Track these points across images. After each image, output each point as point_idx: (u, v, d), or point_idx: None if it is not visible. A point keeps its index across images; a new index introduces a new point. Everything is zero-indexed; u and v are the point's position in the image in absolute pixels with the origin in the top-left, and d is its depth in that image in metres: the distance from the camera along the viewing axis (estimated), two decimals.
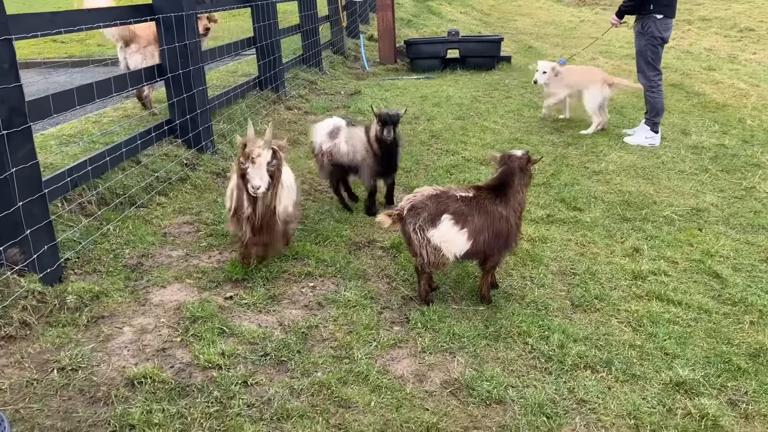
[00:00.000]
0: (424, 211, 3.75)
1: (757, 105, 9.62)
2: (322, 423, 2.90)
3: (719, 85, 10.85)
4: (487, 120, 8.41)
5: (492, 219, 3.83)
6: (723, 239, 5.23)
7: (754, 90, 10.56)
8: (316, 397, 3.07)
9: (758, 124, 8.67)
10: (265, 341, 3.45)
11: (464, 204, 3.83)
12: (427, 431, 2.91)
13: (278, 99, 7.81)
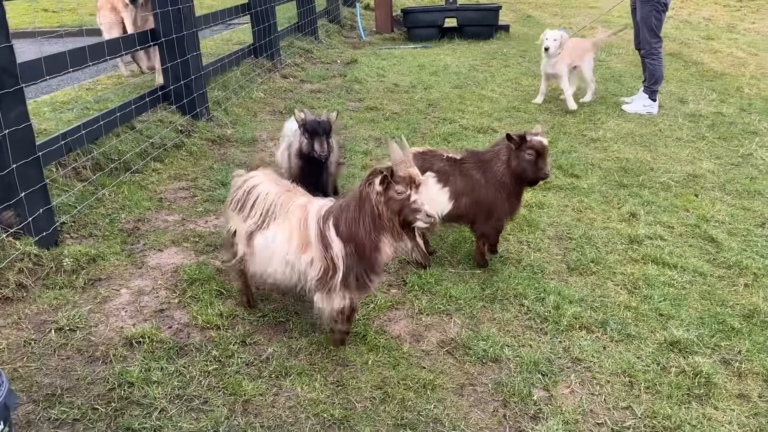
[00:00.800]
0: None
1: (756, 74, 9.56)
2: (320, 380, 2.92)
3: (718, 54, 10.78)
4: (484, 89, 8.35)
5: (473, 185, 3.79)
6: (719, 204, 5.24)
7: (752, 59, 10.49)
8: (315, 356, 3.09)
9: (756, 92, 8.63)
10: (263, 303, 3.46)
11: (448, 164, 3.81)
12: (424, 388, 2.94)
13: (273, 67, 7.73)
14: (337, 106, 7.00)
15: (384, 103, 7.34)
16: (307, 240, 2.90)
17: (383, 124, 6.63)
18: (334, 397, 2.84)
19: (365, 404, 2.82)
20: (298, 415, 2.71)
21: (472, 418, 2.81)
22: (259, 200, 3.02)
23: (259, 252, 2.99)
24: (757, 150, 6.51)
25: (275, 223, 2.96)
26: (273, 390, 2.85)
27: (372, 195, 2.76)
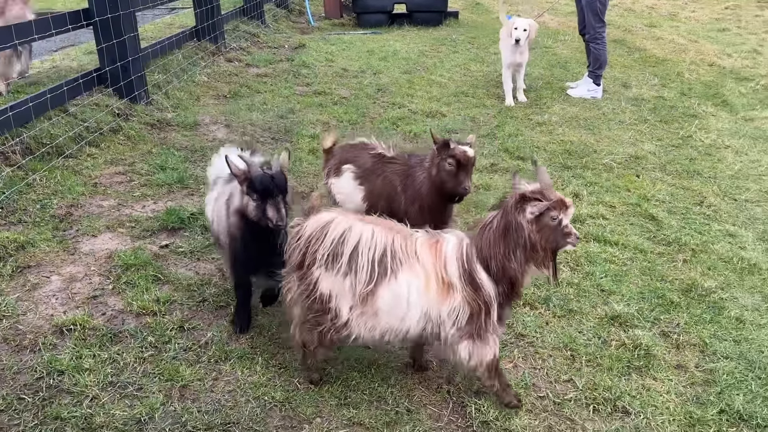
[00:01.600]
0: (336, 157, 3.56)
1: (695, 60, 9.85)
2: (262, 363, 2.86)
3: (660, 41, 11.05)
4: (433, 74, 8.34)
5: (390, 190, 3.39)
6: (659, 184, 5.37)
7: (692, 45, 10.80)
8: (256, 340, 3.02)
9: (696, 77, 8.89)
10: (203, 288, 3.36)
11: (374, 160, 3.42)
12: (368, 368, 2.92)
13: (217, 50, 7.53)
14: (284, 90, 6.87)
15: (333, 88, 7.25)
16: (449, 283, 2.52)
17: (331, 109, 6.54)
18: (275, 379, 2.78)
19: (308, 386, 2.77)
20: (237, 399, 2.64)
21: (416, 395, 2.79)
22: (363, 248, 2.46)
23: (387, 309, 2.49)
24: (696, 132, 6.70)
25: (404, 271, 2.48)
26: (212, 375, 2.77)
27: (524, 224, 2.45)
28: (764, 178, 5.74)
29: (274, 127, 5.73)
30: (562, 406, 2.81)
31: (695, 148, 6.31)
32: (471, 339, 2.56)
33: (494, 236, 2.49)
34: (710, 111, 7.49)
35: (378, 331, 2.55)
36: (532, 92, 7.80)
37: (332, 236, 2.47)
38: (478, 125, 6.53)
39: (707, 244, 4.42)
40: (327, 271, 2.49)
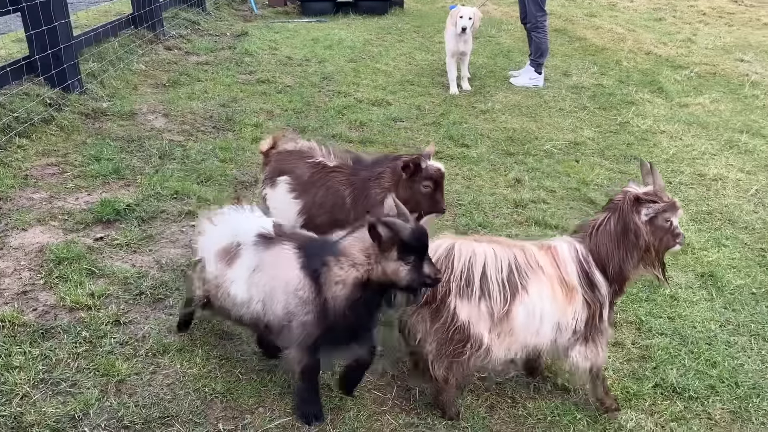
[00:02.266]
0: (271, 164, 3.22)
1: (633, 48, 10.14)
2: (202, 355, 2.80)
3: (599, 30, 11.32)
4: (379, 62, 8.33)
5: (334, 203, 3.05)
6: (598, 169, 5.52)
7: (630, 35, 11.10)
8: (196, 332, 2.96)
9: (633, 65, 9.15)
10: (140, 280, 3.27)
11: (313, 171, 3.09)
12: None
13: (156, 38, 7.31)
14: (226, 78, 6.73)
15: (276, 76, 7.15)
16: (572, 287, 2.52)
17: (275, 97, 6.45)
18: (217, 371, 2.73)
19: (251, 376, 2.73)
20: (176, 392, 2.59)
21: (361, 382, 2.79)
22: (490, 269, 2.42)
23: (524, 325, 2.47)
24: (634, 118, 6.91)
25: (532, 284, 2.47)
26: (150, 368, 2.71)
27: (641, 226, 2.49)
28: (697, 162, 5.97)
29: (216, 116, 5.61)
30: (504, 386, 2.86)
31: (632, 134, 6.50)
32: (585, 342, 2.60)
33: (611, 238, 2.52)
34: (647, 98, 7.73)
35: (513, 349, 2.54)
36: (476, 80, 7.88)
37: (460, 263, 2.43)
38: (423, 113, 6.56)
39: None
40: (462, 299, 2.44)
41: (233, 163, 4.75)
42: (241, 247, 2.45)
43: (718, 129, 6.92)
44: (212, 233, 2.57)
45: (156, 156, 4.63)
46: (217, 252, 2.49)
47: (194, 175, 4.45)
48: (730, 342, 3.38)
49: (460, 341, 2.47)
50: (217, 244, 2.51)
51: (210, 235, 2.58)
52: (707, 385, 3.06)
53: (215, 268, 2.49)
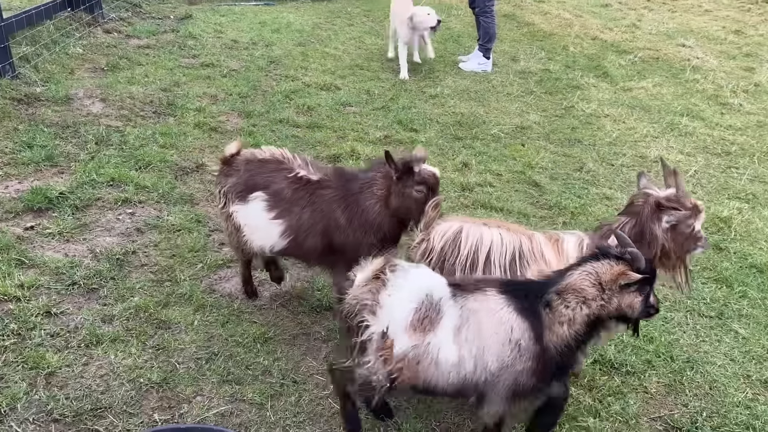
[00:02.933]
0: (237, 175, 2.83)
1: (580, 33, 10.29)
2: (138, 345, 2.73)
3: (547, 16, 11.45)
4: (328, 46, 8.22)
5: (328, 224, 2.79)
6: (543, 152, 5.60)
7: (577, 20, 11.26)
8: (132, 321, 2.88)
9: (579, 50, 9.29)
10: (73, 270, 3.15)
11: (295, 186, 2.79)
12: (254, 342, 2.85)
13: (94, 21, 7.03)
14: (168, 62, 6.53)
15: (221, 60, 6.97)
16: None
17: (220, 81, 6.30)
18: (152, 361, 2.66)
19: (188, 365, 2.67)
20: (110, 383, 2.51)
21: (302, 367, 2.77)
22: (494, 254, 2.41)
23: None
24: (579, 102, 7.02)
25: (532, 272, 2.45)
26: (82, 360, 2.62)
27: (659, 234, 2.45)
28: (639, 144, 6.11)
29: (156, 100, 5.44)
30: None
31: (577, 118, 6.61)
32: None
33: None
34: (592, 82, 7.86)
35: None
36: (425, 65, 7.87)
37: (467, 246, 2.44)
38: (372, 98, 6.52)
39: (585, 206, 4.65)
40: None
41: (174, 149, 4.61)
42: (440, 304, 2.13)
43: (659, 112, 7.10)
44: (395, 300, 2.12)
45: (92, 142, 4.46)
46: (411, 320, 2.10)
47: (132, 161, 4.31)
48: (667, 318, 3.48)
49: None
50: (406, 309, 2.11)
51: (392, 303, 2.11)
52: (644, 360, 3.14)
53: (409, 339, 2.09)
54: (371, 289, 2.11)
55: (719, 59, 9.67)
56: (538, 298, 2.12)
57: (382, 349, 2.08)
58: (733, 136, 6.66)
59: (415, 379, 2.11)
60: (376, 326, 2.08)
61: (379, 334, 2.08)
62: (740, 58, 9.92)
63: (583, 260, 2.16)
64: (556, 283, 2.13)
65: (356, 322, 2.10)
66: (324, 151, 5.05)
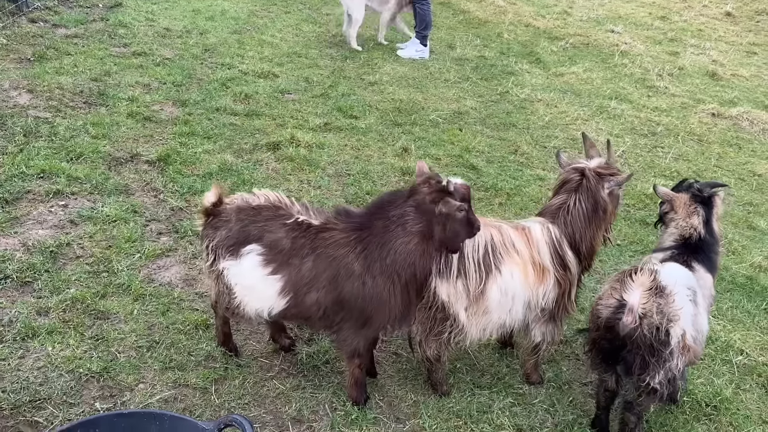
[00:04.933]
0: (227, 227, 2.45)
1: (514, 21, 10.53)
2: (76, 336, 2.69)
3: (482, 4, 11.63)
4: (264, 34, 8.13)
5: (336, 272, 2.39)
6: (479, 137, 5.74)
7: (511, 7, 11.50)
8: (69, 313, 2.83)
9: (513, 38, 9.52)
10: (4, 264, 3.06)
11: (294, 234, 2.40)
12: (196, 329, 2.86)
13: (18, 10, 6.73)
14: (98, 52, 6.33)
15: (154, 48, 6.81)
16: (544, 268, 2.62)
17: (153, 70, 6.16)
18: (92, 351, 2.63)
19: (129, 354, 2.65)
20: (48, 375, 2.47)
21: (246, 350, 2.79)
22: (468, 249, 2.49)
23: (496, 305, 2.56)
24: (513, 88, 7.21)
25: (506, 264, 2.53)
26: (18, 353, 2.56)
27: (607, 200, 2.67)
28: (570, 127, 6.35)
29: (87, 90, 5.28)
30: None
31: (511, 103, 6.80)
32: (549, 321, 2.71)
33: (584, 217, 2.65)
34: (525, 68, 8.08)
35: (488, 328, 2.61)
36: (364, 53, 7.90)
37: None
38: (311, 85, 6.52)
39: (520, 188, 4.82)
40: (441, 279, 2.49)
41: (106, 139, 4.50)
42: (695, 289, 2.56)
43: (590, 96, 7.38)
44: (680, 301, 2.38)
45: (20, 134, 4.30)
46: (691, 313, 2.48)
47: (63, 152, 4.18)
48: (597, 289, 3.66)
49: (442, 320, 2.56)
50: (688, 305, 2.44)
51: (680, 304, 2.37)
52: (575, 330, 3.31)
53: (693, 328, 2.45)
54: (665, 301, 2.32)
55: (646, 44, 10.10)
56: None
57: (683, 347, 2.36)
58: (659, 117, 7.01)
59: (696, 354, 2.46)
60: (678, 330, 2.33)
61: (679, 336, 2.34)
62: (665, 43, 10.40)
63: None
64: None
65: (663, 336, 2.31)
66: (263, 139, 5.03)
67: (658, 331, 2.30)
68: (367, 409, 2.57)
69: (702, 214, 2.72)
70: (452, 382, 2.83)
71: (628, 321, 2.28)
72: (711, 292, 2.71)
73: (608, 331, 2.38)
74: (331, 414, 2.53)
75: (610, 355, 2.45)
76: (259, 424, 2.42)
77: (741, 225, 4.78)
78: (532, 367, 2.88)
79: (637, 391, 2.42)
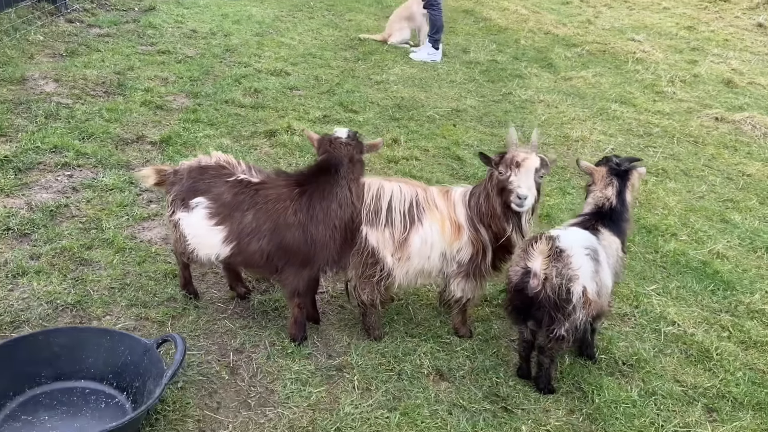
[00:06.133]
0: (181, 183, 2.84)
1: (534, 28, 10.73)
2: (59, 276, 3.11)
3: (505, 12, 11.89)
4: (284, 36, 8.61)
5: (276, 223, 2.74)
6: (472, 132, 6.02)
7: (533, 16, 11.71)
8: (57, 259, 3.25)
9: (530, 44, 9.73)
10: (8, 219, 3.52)
11: (237, 190, 2.76)
12: (165, 277, 3.24)
13: (57, 11, 7.38)
14: (125, 49, 6.90)
15: (178, 48, 7.34)
16: (459, 225, 2.94)
17: (173, 66, 6.67)
18: (70, 288, 3.04)
19: (102, 293, 3.05)
20: (30, 304, 2.89)
21: (206, 296, 3.16)
22: (395, 202, 2.87)
23: (417, 253, 2.90)
24: (516, 90, 7.45)
25: (427, 218, 2.91)
26: (8, 287, 3.00)
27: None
28: (565, 126, 6.55)
29: (108, 81, 5.80)
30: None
31: (512, 103, 7.04)
32: (466, 277, 2.99)
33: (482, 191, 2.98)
34: (534, 72, 8.29)
35: (412, 273, 2.96)
36: (376, 55, 8.27)
37: (369, 195, 2.86)
38: (319, 83, 6.91)
39: None
40: (371, 227, 2.87)
41: (117, 123, 4.98)
42: (596, 247, 2.83)
43: (594, 99, 7.55)
44: (579, 261, 2.69)
45: (41, 116, 4.82)
46: (592, 269, 2.75)
47: (76, 132, 4.67)
48: None
49: (372, 264, 2.90)
50: (587, 264, 2.72)
51: (580, 264, 2.68)
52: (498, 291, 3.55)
53: (593, 282, 2.73)
54: (563, 264, 2.63)
55: (666, 53, 10.13)
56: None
57: (585, 301, 2.65)
58: (659, 120, 7.11)
59: (599, 306, 2.77)
60: (578, 287, 2.63)
61: (580, 293, 2.63)
62: (686, 52, 10.40)
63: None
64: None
65: (564, 294, 2.62)
66: (262, 127, 5.43)
67: (560, 290, 2.62)
68: (303, 347, 2.90)
69: (616, 186, 2.96)
70: (387, 330, 3.13)
71: (533, 284, 2.63)
72: (618, 254, 2.94)
73: (519, 293, 2.71)
74: (269, 348, 2.87)
75: (523, 312, 2.77)
76: (204, 352, 2.79)
77: (714, 218, 4.91)
78: (460, 321, 3.15)
79: (548, 339, 2.71)
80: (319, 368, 2.80)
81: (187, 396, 2.54)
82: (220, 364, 2.75)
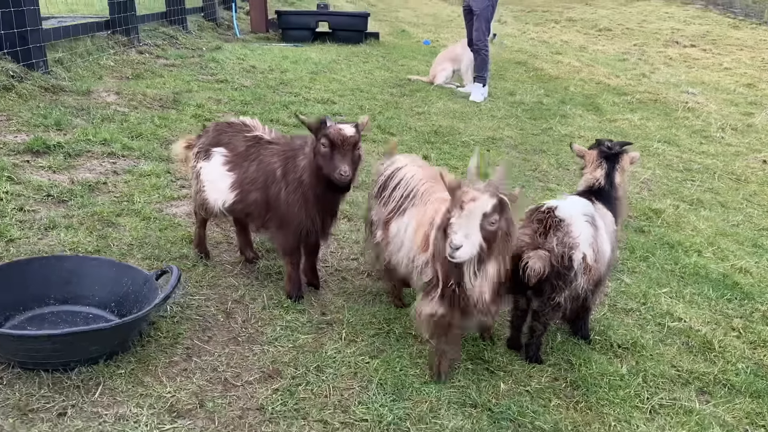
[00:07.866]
0: (207, 136, 3.14)
1: (585, 78, 10.84)
2: (85, 232, 3.38)
3: (559, 65, 12.08)
4: (337, 74, 9.07)
5: (266, 178, 2.95)
6: (504, 156, 6.12)
7: (587, 68, 11.84)
8: (87, 220, 3.54)
9: (579, 90, 9.84)
10: (51, 188, 3.86)
11: (250, 143, 3.01)
12: (182, 240, 3.47)
13: (129, 43, 8.10)
14: (187, 76, 7.47)
15: (236, 78, 7.87)
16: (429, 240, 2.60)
17: (229, 93, 7.15)
18: (93, 242, 3.31)
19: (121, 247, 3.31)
20: (54, 250, 3.17)
21: (217, 257, 3.34)
22: (401, 185, 2.83)
23: (393, 239, 2.80)
24: (557, 126, 7.54)
25: (410, 212, 2.75)
26: (38, 236, 3.31)
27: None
28: None
29: (165, 98, 6.29)
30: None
31: (550, 136, 7.12)
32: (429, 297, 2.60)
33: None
34: (579, 113, 8.36)
35: (396, 258, 2.82)
36: (422, 92, 8.58)
37: (385, 173, 2.94)
38: (362, 111, 7.22)
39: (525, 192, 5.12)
40: (376, 200, 2.96)
41: (166, 128, 5.38)
42: (594, 214, 2.82)
43: (637, 138, 7.50)
44: (579, 229, 2.68)
45: (98, 119, 5.28)
46: (591, 235, 2.72)
47: (127, 131, 5.09)
48: None
49: (372, 233, 3.00)
50: (587, 230, 2.70)
51: (580, 232, 2.67)
52: None
53: (592, 249, 2.71)
54: (563, 233, 2.63)
55: (720, 105, 9.99)
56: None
57: (585, 267, 2.66)
58: (702, 159, 7.00)
59: (597, 272, 2.75)
60: (578, 254, 2.63)
61: (580, 260, 2.64)
62: (743, 105, 10.21)
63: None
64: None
65: (567, 262, 2.61)
66: None
67: (562, 259, 2.60)
68: (299, 304, 3.02)
69: (605, 168, 2.99)
70: (384, 299, 3.21)
71: (537, 267, 2.54)
72: (613, 227, 2.94)
73: (523, 272, 2.57)
74: (266, 301, 3.01)
75: (523, 281, 2.65)
76: (205, 298, 2.96)
77: (746, 243, 4.76)
78: (436, 360, 2.93)
79: (545, 305, 2.70)
80: (311, 321, 2.91)
81: (181, 328, 2.70)
82: (218, 309, 2.91)
